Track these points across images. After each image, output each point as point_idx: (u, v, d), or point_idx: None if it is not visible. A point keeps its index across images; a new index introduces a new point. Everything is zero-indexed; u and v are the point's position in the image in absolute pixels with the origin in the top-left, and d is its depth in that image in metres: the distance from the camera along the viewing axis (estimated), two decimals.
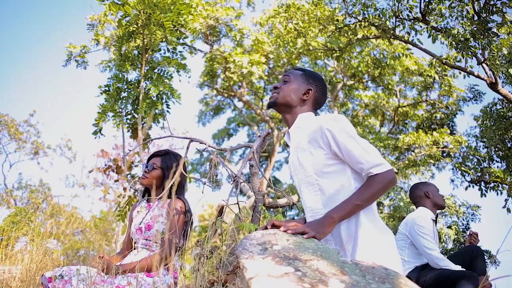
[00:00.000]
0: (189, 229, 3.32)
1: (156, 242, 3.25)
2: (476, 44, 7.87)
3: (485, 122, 11.48)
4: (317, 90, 2.69)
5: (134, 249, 3.33)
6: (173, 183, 3.08)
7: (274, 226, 2.24)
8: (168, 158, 3.51)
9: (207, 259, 2.72)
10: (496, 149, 11.25)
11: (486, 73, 8.31)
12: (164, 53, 7.64)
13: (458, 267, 4.23)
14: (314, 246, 1.97)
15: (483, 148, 12.19)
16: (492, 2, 7.58)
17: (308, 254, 1.85)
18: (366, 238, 2.28)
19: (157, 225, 3.27)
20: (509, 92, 9.16)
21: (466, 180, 12.14)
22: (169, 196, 3.36)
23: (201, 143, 3.16)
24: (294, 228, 2.15)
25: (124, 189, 7.26)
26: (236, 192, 3.19)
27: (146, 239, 3.28)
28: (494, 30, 7.72)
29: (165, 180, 3.40)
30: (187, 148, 3.12)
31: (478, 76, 8.62)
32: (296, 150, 2.55)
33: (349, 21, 10.19)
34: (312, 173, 2.43)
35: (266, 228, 2.23)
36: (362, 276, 1.77)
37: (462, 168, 11.88)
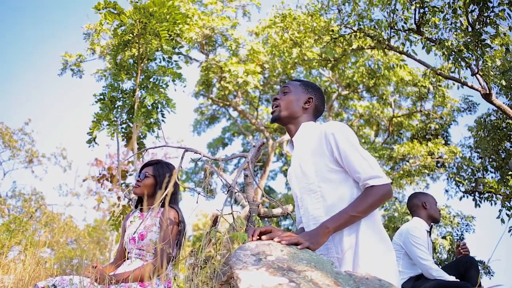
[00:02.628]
0: (182, 239, 3.31)
1: (149, 252, 3.24)
2: (470, 55, 7.92)
3: (479, 133, 11.52)
4: (317, 98, 2.74)
5: (128, 259, 3.32)
6: (167, 193, 3.07)
7: (261, 233, 2.24)
8: (160, 167, 3.51)
9: (201, 269, 2.71)
10: (490, 159, 11.29)
11: (480, 84, 8.35)
12: (160, 62, 7.64)
13: (452, 278, 4.23)
14: (308, 257, 1.97)
15: (477, 159, 12.23)
16: (485, 14, 7.63)
17: (302, 265, 1.85)
18: (366, 247, 2.29)
19: (150, 234, 3.26)
20: (503, 103, 9.21)
21: (460, 191, 12.16)
22: (162, 205, 3.36)
23: (195, 152, 3.16)
24: (288, 239, 2.14)
25: (118, 198, 7.22)
26: (230, 201, 3.18)
27: (140, 249, 3.27)
28: (488, 41, 7.77)
29: (158, 189, 3.40)
30: (182, 157, 3.12)
31: (472, 87, 8.66)
32: (299, 158, 2.57)
33: (345, 32, 10.23)
34: (315, 180, 2.45)
35: (252, 236, 2.21)
36: None
37: (457, 179, 11.91)
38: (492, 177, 11.22)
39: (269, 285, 1.62)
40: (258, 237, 2.22)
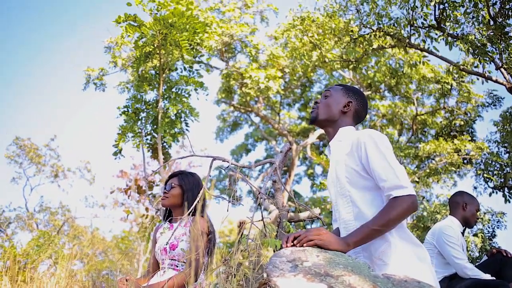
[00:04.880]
0: (213, 247, 3.32)
1: (181, 261, 3.25)
2: (494, 49, 7.81)
3: (505, 127, 11.36)
4: (358, 103, 2.69)
5: (160, 269, 3.33)
6: (197, 202, 3.08)
7: (294, 239, 2.21)
8: (184, 176, 3.54)
9: (234, 277, 2.70)
10: None
11: (505, 77, 8.23)
12: (181, 72, 7.69)
13: (488, 276, 4.16)
14: (345, 261, 1.95)
15: (504, 154, 12.05)
16: (507, 7, 7.53)
17: (339, 269, 1.83)
18: (398, 252, 2.25)
19: (181, 244, 3.27)
20: None
21: (489, 187, 12.00)
22: (191, 214, 3.37)
23: (223, 160, 3.16)
24: (306, 240, 2.14)
25: (146, 209, 7.28)
26: (260, 208, 3.18)
27: (172, 259, 3.28)
28: (511, 34, 7.66)
29: (185, 198, 3.42)
30: (210, 166, 3.13)
31: (496, 81, 8.53)
32: (335, 163, 2.56)
33: (364, 32, 10.18)
34: (346, 185, 2.42)
35: (286, 243, 2.19)
36: None
37: (485, 175, 11.75)
38: None
39: None
40: (292, 243, 2.20)
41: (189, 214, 3.36)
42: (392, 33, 9.48)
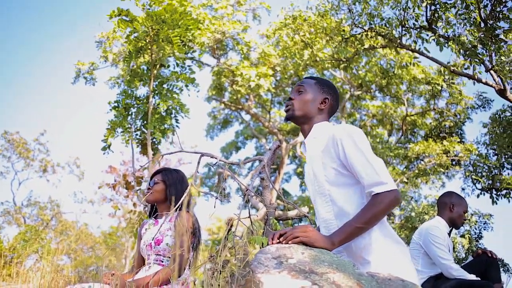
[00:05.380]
0: (197, 243, 3.33)
1: (166, 257, 3.25)
2: (484, 51, 7.85)
3: (494, 129, 11.43)
4: (332, 98, 2.66)
5: (145, 265, 3.33)
6: (183, 198, 3.08)
7: (281, 236, 2.22)
8: (168, 172, 3.55)
9: (220, 273, 2.70)
10: (507, 156, 11.20)
11: (495, 80, 8.28)
12: (173, 68, 7.66)
13: (473, 277, 4.18)
14: (330, 258, 1.95)
15: (493, 156, 12.13)
16: (498, 9, 7.57)
17: (324, 267, 1.83)
18: (379, 249, 2.25)
19: (166, 239, 3.27)
20: None
21: (477, 188, 12.07)
22: (177, 210, 3.37)
23: (211, 157, 3.15)
24: (291, 238, 2.14)
25: (134, 204, 7.26)
26: (247, 205, 3.18)
27: (157, 254, 3.28)
28: (502, 36, 7.70)
29: (168, 194, 3.43)
30: (198, 162, 3.12)
31: (486, 83, 8.58)
32: (311, 160, 2.53)
33: (356, 32, 10.20)
34: (324, 183, 2.41)
35: (272, 240, 2.20)
36: None
37: (473, 176, 11.81)
38: (508, 174, 11.13)
39: None
40: (278, 240, 2.21)
41: (175, 210, 3.36)
42: (383, 34, 9.51)
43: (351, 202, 2.34)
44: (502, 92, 8.29)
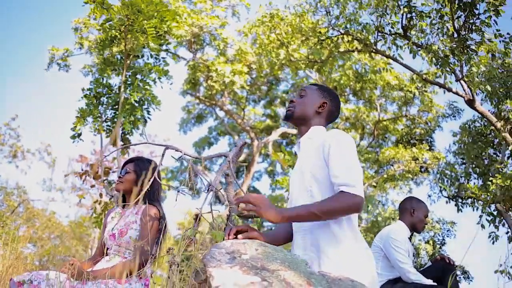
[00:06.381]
0: (162, 236, 3.31)
1: (128, 249, 3.23)
2: (455, 61, 7.98)
3: (464, 139, 11.61)
4: (332, 104, 2.76)
5: (107, 255, 3.31)
6: (145, 189, 3.07)
7: (237, 232, 2.27)
8: (141, 163, 3.52)
9: (177, 267, 2.71)
10: (474, 165, 11.38)
11: (464, 90, 8.42)
12: (148, 59, 7.60)
13: (429, 281, 4.26)
14: (283, 256, 1.98)
15: (461, 165, 12.32)
16: (471, 21, 7.71)
17: (276, 264, 1.86)
18: (346, 250, 2.31)
19: (130, 231, 3.25)
20: (488, 110, 9.28)
21: (443, 196, 12.26)
22: (144, 202, 3.35)
23: (176, 150, 3.15)
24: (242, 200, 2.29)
25: (100, 194, 7.18)
26: (210, 200, 3.18)
27: (119, 246, 3.26)
28: (473, 47, 7.84)
29: (138, 184, 3.40)
30: (163, 155, 3.11)
31: (456, 93, 8.73)
32: (302, 159, 2.62)
33: (332, 34, 10.27)
34: (309, 179, 2.47)
35: (229, 235, 2.25)
36: None
37: (440, 184, 11.99)
38: (474, 183, 11.32)
39: (242, 283, 1.63)
40: (234, 236, 2.24)
41: (142, 202, 3.34)
42: (359, 38, 9.60)
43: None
44: (471, 103, 8.44)
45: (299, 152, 2.72)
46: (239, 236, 2.24)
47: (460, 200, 11.32)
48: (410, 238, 4.82)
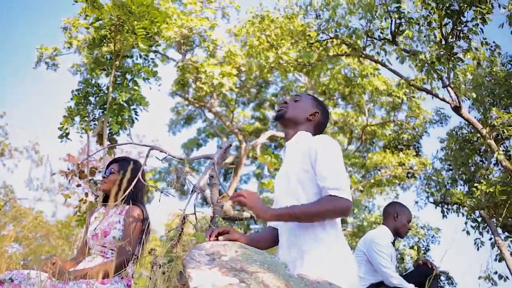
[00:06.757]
0: (145, 237, 3.31)
1: (111, 249, 3.23)
2: (442, 68, 8.05)
3: (451, 145, 11.69)
4: (322, 116, 2.82)
5: (89, 255, 3.30)
6: (130, 189, 3.07)
7: (219, 234, 2.29)
8: (126, 163, 3.50)
9: (160, 267, 2.71)
10: (460, 172, 11.46)
11: (451, 96, 8.48)
12: (136, 59, 7.59)
13: (411, 286, 4.29)
14: (262, 258, 1.99)
15: (447, 171, 12.40)
16: (459, 28, 7.77)
17: (255, 266, 1.87)
18: (328, 254, 2.33)
19: (113, 231, 3.24)
20: (475, 117, 9.36)
21: (429, 202, 12.33)
22: (128, 203, 3.35)
23: (161, 151, 3.16)
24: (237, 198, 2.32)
25: (86, 194, 7.15)
26: (195, 202, 3.20)
27: (102, 246, 3.25)
28: (460, 55, 7.91)
29: (122, 185, 3.39)
30: (147, 156, 3.13)
31: (443, 99, 8.79)
32: (288, 163, 2.64)
33: (321, 37, 10.31)
34: (294, 183, 2.49)
35: (210, 237, 2.27)
36: None
37: (426, 190, 12.06)
38: (460, 189, 11.40)
39: (220, 284, 1.64)
40: (215, 238, 2.25)
41: (125, 202, 3.34)
42: (348, 42, 9.65)
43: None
44: (457, 109, 8.50)
45: (284, 155, 2.74)
46: (220, 238, 2.25)
47: (446, 206, 11.39)
48: (393, 243, 4.85)
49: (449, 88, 8.34)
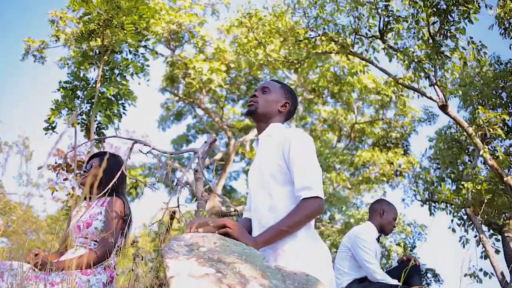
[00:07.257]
0: (127, 228, 3.33)
1: (94, 240, 3.24)
2: (429, 66, 8.09)
3: (439, 144, 11.75)
4: (292, 105, 2.82)
5: (72, 247, 3.31)
6: (113, 182, 3.08)
7: (199, 226, 2.30)
8: (107, 157, 3.51)
9: (142, 259, 2.73)
10: (448, 171, 11.53)
11: (438, 95, 8.52)
12: (126, 54, 7.57)
13: (395, 281, 4.32)
14: (240, 250, 2.00)
15: (435, 170, 12.47)
16: (446, 28, 7.82)
17: (233, 257, 1.88)
18: (301, 248, 2.35)
19: (95, 223, 3.26)
20: (463, 116, 9.42)
21: (416, 199, 12.40)
22: (109, 195, 3.36)
23: (145, 145, 3.18)
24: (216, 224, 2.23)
25: (73, 188, 7.14)
26: (178, 196, 3.21)
27: (84, 237, 3.26)
28: (447, 53, 7.95)
29: (103, 179, 3.40)
30: (130, 149, 3.14)
31: (431, 98, 8.83)
32: (261, 155, 2.65)
33: (310, 35, 10.33)
34: (267, 176, 2.51)
35: (190, 228, 2.26)
36: (283, 281, 1.81)
37: (413, 188, 12.12)
38: (448, 188, 11.47)
39: (196, 274, 1.65)
40: (196, 230, 2.26)
41: (107, 195, 3.35)
42: (336, 39, 9.67)
43: (285, 199, 2.45)
44: (444, 108, 8.54)
45: (257, 148, 2.76)
46: (200, 229, 2.27)
47: (433, 204, 11.45)
48: (378, 239, 4.89)
49: (436, 87, 8.37)
